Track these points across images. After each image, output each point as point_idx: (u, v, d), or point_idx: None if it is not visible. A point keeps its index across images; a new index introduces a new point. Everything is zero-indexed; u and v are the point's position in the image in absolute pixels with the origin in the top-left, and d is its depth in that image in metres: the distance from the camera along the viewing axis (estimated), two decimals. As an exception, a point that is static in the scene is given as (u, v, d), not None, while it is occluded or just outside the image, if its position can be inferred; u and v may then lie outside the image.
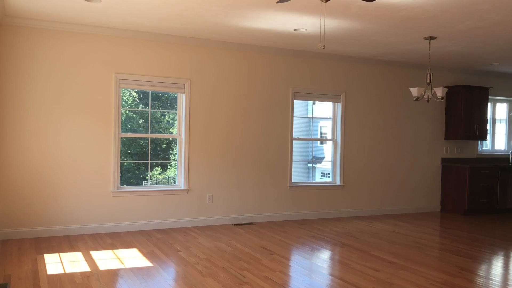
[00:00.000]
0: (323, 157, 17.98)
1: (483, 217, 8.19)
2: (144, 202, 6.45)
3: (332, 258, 5.29)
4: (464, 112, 8.53)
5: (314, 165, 18.19)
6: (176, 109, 6.78)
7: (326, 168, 16.63)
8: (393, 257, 5.21)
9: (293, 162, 7.47)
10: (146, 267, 4.66)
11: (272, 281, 4.27)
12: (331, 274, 4.60)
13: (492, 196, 8.55)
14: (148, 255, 5.11)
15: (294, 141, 7.52)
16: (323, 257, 5.30)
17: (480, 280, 4.45)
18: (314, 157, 18.58)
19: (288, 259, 5.11)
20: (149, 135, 6.75)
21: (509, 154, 9.53)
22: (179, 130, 6.72)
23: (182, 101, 6.69)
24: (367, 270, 4.67)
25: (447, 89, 6.11)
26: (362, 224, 7.24)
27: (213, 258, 5.03)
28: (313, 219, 7.57)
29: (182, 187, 6.67)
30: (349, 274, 4.53)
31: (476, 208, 8.41)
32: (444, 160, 8.82)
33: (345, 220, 7.54)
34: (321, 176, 18.26)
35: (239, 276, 4.40)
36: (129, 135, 6.80)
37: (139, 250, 5.32)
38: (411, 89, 6.17)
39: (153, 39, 6.38)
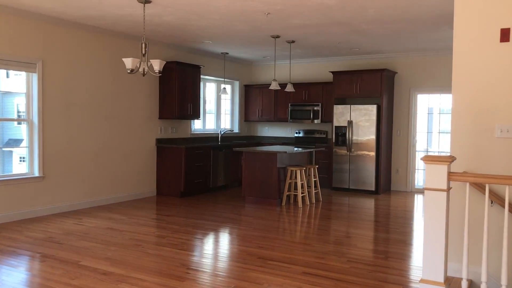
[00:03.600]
0: (22, 139, 15.32)
1: (198, 198, 8.08)
2: None
3: (28, 281, 3.91)
4: (178, 90, 8.16)
5: (10, 150, 15.30)
6: None
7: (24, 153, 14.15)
8: (110, 265, 4.23)
9: (-32, 150, 5.51)
10: None
11: None
12: (23, 311, 3.27)
13: (206, 175, 8.55)
14: None
15: (-31, 123, 5.55)
16: (13, 282, 3.86)
17: (208, 280, 3.94)
18: (10, 140, 15.63)
19: (-47, 298, 3.47)
20: None
21: (218, 133, 9.80)
22: None
23: None
24: (75, 293, 3.54)
25: (164, 62, 5.43)
26: (69, 223, 5.96)
27: None
28: (1, 223, 5.82)
29: None
30: (50, 305, 3.31)
31: (192, 188, 8.24)
32: (159, 141, 8.29)
33: (47, 220, 6.09)
34: (20, 161, 15.57)
35: None
36: None
37: None
38: (125, 59, 5.21)
39: None
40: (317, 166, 7.99)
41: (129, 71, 5.23)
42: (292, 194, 7.64)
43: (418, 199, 8.43)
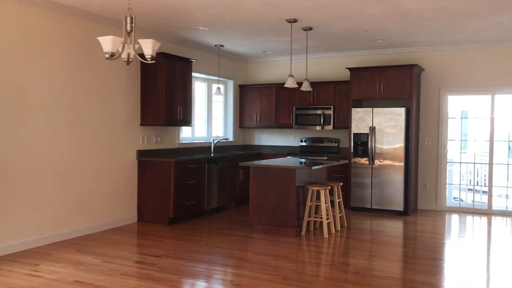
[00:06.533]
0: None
1: (191, 226, 6.38)
2: None
3: None
4: (166, 90, 6.47)
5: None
6: None
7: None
8: None
9: None
10: None
11: None
12: None
13: (200, 195, 6.86)
14: None
15: None
16: None
17: None
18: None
19: None
20: None
21: (210, 142, 8.14)
22: None
23: None
24: None
25: (159, 44, 3.77)
26: (20, 274, 4.18)
27: None
28: None
29: None
30: None
31: (183, 213, 6.55)
32: (141, 154, 6.57)
33: (-13, 270, 4.30)
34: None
35: None
36: None
37: None
38: (102, 39, 3.52)
39: None
40: (341, 183, 6.43)
41: (107, 56, 3.53)
42: (312, 220, 6.06)
43: (457, 221, 7.01)
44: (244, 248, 5.27)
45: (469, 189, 8.17)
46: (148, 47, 3.61)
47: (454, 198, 8.05)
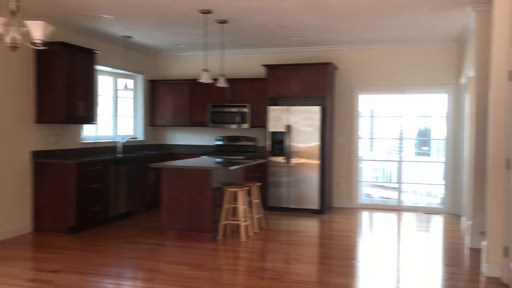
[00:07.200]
0: None
1: (96, 234, 5.77)
2: None
3: None
4: (66, 83, 5.79)
5: None
6: None
7: None
8: None
9: None
10: None
11: None
12: None
13: (105, 200, 6.25)
14: None
15: None
16: None
17: None
18: None
19: None
20: None
21: (117, 142, 7.50)
22: None
23: None
24: None
25: (52, 27, 3.21)
26: None
27: None
28: None
29: None
30: None
31: (86, 220, 5.91)
32: (37, 155, 5.82)
33: None
34: None
35: None
36: None
37: None
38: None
39: None
40: (259, 184, 6.21)
41: (-15, 39, 2.94)
42: (229, 223, 5.76)
43: (370, 218, 7.13)
44: (156, 258, 4.84)
45: (380, 186, 8.40)
46: (38, 30, 3.08)
47: (367, 195, 8.22)
